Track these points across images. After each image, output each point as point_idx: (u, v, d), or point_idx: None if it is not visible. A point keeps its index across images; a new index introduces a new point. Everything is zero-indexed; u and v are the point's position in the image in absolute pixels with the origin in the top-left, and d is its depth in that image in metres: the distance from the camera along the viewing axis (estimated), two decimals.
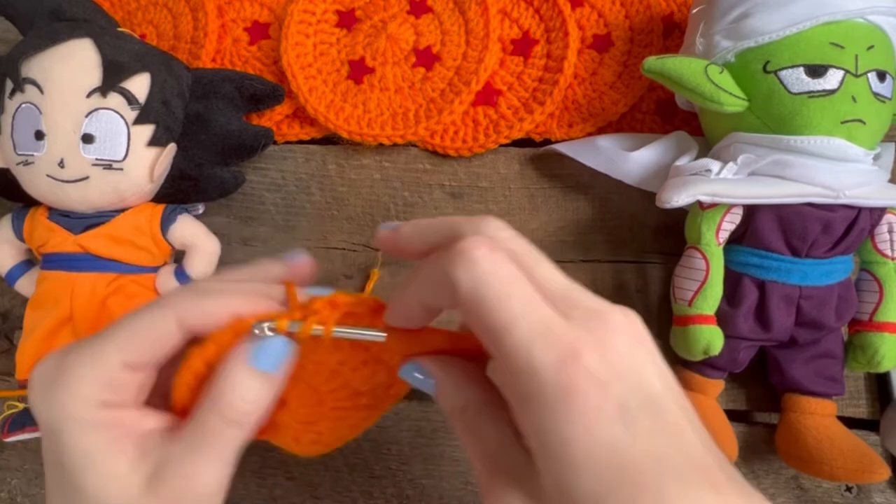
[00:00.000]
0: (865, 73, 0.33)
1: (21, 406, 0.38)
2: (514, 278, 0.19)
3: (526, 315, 0.18)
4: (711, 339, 0.34)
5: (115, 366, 0.20)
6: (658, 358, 0.19)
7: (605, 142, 0.40)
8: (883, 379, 0.39)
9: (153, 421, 0.22)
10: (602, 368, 0.18)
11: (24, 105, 0.37)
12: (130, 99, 0.37)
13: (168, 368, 0.22)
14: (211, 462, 0.21)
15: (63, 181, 0.37)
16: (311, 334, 0.22)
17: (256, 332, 0.21)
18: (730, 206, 0.35)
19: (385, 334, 0.22)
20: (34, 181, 0.38)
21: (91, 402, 0.20)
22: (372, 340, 0.22)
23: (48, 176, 0.37)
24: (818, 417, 0.36)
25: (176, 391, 0.22)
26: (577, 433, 0.17)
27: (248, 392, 0.21)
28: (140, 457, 0.20)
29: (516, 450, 0.20)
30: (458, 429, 0.22)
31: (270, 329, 0.21)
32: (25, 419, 0.38)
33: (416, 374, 0.23)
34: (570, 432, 0.17)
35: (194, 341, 0.22)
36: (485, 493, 0.21)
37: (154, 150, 0.38)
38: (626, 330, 0.19)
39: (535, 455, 0.19)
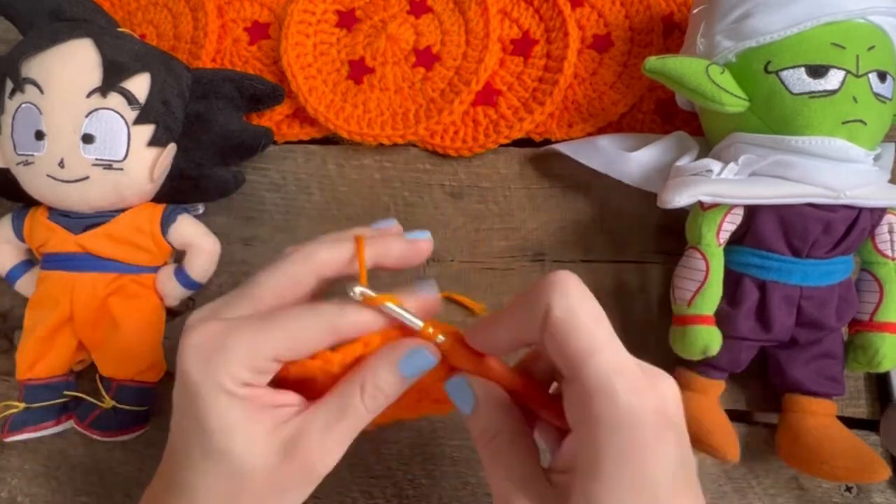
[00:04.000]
0: (866, 73, 0.33)
1: (21, 406, 0.38)
2: (600, 312, 0.22)
3: (611, 345, 0.21)
4: (709, 339, 0.34)
5: (267, 357, 0.23)
6: None
7: (605, 142, 0.40)
8: (883, 379, 0.39)
9: (282, 398, 0.25)
10: (661, 420, 0.20)
11: (23, 105, 0.37)
12: (130, 99, 0.37)
13: None
14: (342, 437, 0.24)
15: (63, 181, 0.37)
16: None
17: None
18: (731, 207, 0.35)
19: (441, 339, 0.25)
20: (34, 181, 0.37)
21: (239, 381, 0.23)
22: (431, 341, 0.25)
23: (48, 176, 0.37)
24: (818, 417, 0.36)
25: (307, 371, 0.25)
26: (635, 457, 0.20)
27: (389, 387, 0.25)
28: (275, 427, 0.24)
29: (541, 481, 0.23)
30: (485, 454, 0.24)
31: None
32: (26, 419, 0.38)
33: (463, 388, 0.25)
34: (629, 455, 0.20)
35: None
36: None
37: (154, 150, 0.38)
38: (676, 393, 0.22)
39: (581, 466, 0.21)
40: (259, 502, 0.24)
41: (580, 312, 0.21)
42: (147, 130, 0.38)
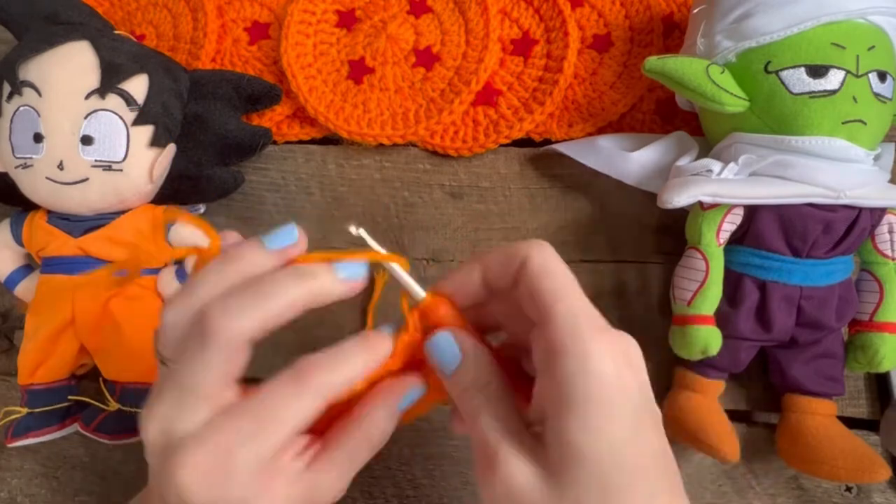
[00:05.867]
0: (866, 73, 0.33)
1: (23, 411, 0.38)
2: (569, 272, 0.24)
3: (576, 295, 0.23)
4: (709, 339, 0.34)
5: (272, 454, 0.23)
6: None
7: (605, 142, 0.40)
8: (883, 379, 0.39)
9: (291, 451, 0.25)
10: (621, 359, 0.22)
11: (21, 108, 0.37)
12: (129, 100, 0.37)
13: None
14: (349, 478, 0.25)
15: (63, 183, 0.37)
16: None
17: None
18: (731, 207, 0.35)
19: (423, 293, 0.26)
20: (33, 184, 0.37)
21: (256, 482, 0.23)
22: (415, 294, 0.26)
23: (48, 178, 0.37)
24: (818, 417, 0.36)
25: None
26: (599, 389, 0.21)
27: (389, 428, 0.26)
28: (289, 487, 0.24)
29: (526, 432, 0.24)
30: (473, 405, 0.25)
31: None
32: (30, 424, 0.38)
33: (449, 343, 0.25)
34: (595, 387, 0.21)
35: None
36: (491, 460, 0.23)
37: (153, 151, 0.38)
38: (638, 350, 0.23)
39: (550, 406, 0.22)
40: None
41: (555, 263, 0.24)
42: (146, 131, 0.38)
